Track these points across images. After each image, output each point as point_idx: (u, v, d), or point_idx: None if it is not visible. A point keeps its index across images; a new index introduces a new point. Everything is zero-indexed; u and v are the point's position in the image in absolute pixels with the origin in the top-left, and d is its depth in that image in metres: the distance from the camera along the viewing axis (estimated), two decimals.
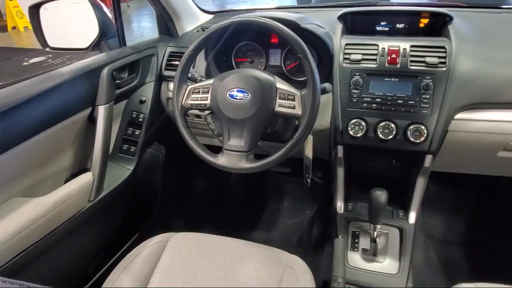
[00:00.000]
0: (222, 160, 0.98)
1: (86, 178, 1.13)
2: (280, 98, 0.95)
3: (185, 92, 1.02)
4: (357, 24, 1.28)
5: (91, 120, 1.17)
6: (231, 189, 1.94)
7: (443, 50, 1.06)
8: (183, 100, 1.02)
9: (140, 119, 1.35)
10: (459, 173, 1.35)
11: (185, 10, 1.51)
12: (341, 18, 1.25)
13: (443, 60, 1.05)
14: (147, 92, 1.37)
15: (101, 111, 1.16)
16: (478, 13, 1.34)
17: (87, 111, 1.15)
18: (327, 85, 1.06)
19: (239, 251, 0.99)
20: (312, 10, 1.59)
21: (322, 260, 1.36)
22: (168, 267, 0.96)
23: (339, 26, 1.21)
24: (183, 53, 1.02)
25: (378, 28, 1.28)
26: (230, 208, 1.86)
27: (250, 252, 0.99)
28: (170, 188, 1.68)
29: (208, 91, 1.01)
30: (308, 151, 1.14)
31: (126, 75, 1.30)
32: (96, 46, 1.29)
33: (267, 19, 0.94)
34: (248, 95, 0.95)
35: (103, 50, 1.30)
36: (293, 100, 0.94)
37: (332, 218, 1.28)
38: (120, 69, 1.26)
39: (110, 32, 1.31)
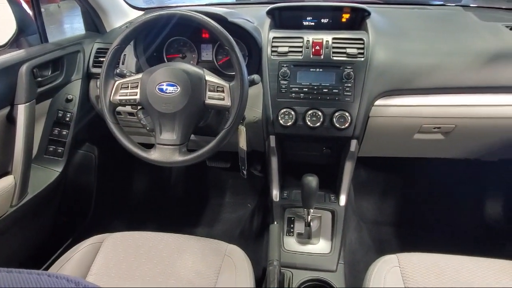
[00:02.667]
0: (155, 155, 0.98)
1: (6, 182, 1.05)
2: (209, 91, 0.97)
3: (113, 87, 1.00)
4: (285, 19, 1.34)
5: (10, 120, 1.10)
6: (172, 186, 1.91)
7: (362, 42, 1.15)
8: (111, 96, 0.99)
9: (67, 119, 1.29)
10: (386, 157, 1.46)
11: (112, 6, 1.46)
12: (269, 13, 1.29)
13: (361, 51, 1.13)
14: (74, 90, 1.31)
15: (21, 111, 1.09)
16: (393, 9, 1.46)
17: (5, 110, 1.08)
18: (255, 76, 1.09)
19: (177, 245, 0.99)
20: (243, 6, 1.62)
21: (263, 249, 1.39)
22: (103, 268, 0.93)
23: (267, 21, 1.26)
24: None
25: (304, 23, 1.34)
26: (171, 205, 1.84)
27: (188, 245, 0.99)
28: (106, 189, 1.62)
29: (137, 86, 0.99)
30: (242, 143, 1.17)
31: (49, 73, 1.23)
32: (14, 42, 1.21)
33: (194, 12, 0.95)
34: (178, 89, 0.95)
35: (23, 47, 1.22)
36: (222, 91, 0.96)
37: (269, 207, 1.32)
38: (42, 66, 1.19)
39: (30, 29, 1.24)
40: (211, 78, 0.98)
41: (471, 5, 1.49)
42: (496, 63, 1.12)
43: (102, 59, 1.33)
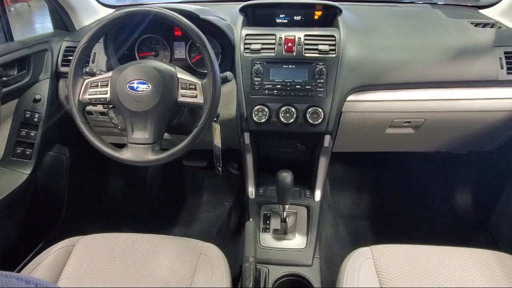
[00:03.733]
0: (127, 154, 0.96)
1: None
2: (182, 88, 0.96)
3: (82, 86, 0.98)
4: (258, 16, 1.34)
5: None
6: (148, 186, 1.89)
7: (333, 38, 1.16)
8: (80, 95, 0.97)
9: (36, 119, 1.25)
10: (361, 152, 1.48)
11: (81, 3, 1.43)
12: (242, 10, 1.29)
13: (333, 47, 1.15)
14: (42, 90, 1.27)
15: None
16: (364, 6, 1.49)
17: None
18: (228, 73, 1.09)
19: (152, 246, 0.98)
20: (216, 3, 1.61)
21: (240, 246, 1.40)
22: (75, 272, 0.91)
23: (240, 18, 1.26)
24: None
25: (278, 20, 1.35)
26: (148, 206, 1.82)
27: (163, 245, 0.98)
28: (79, 191, 1.58)
29: (107, 84, 0.97)
30: (217, 141, 1.16)
31: (15, 72, 1.19)
32: None
33: (164, 9, 0.94)
34: (149, 86, 0.94)
35: None
36: (195, 89, 0.96)
37: (245, 204, 1.32)
38: (7, 66, 1.15)
39: None
40: (183, 75, 0.97)
41: (439, 2, 1.54)
42: (462, 58, 1.15)
43: (71, 57, 1.29)
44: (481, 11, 1.42)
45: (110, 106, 1.03)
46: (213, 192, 1.84)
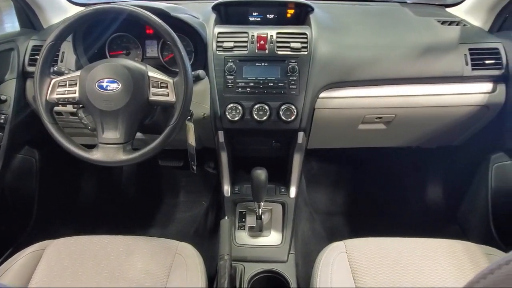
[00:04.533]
0: (97, 155, 0.94)
1: None
2: (153, 87, 0.95)
3: (49, 86, 0.96)
4: (231, 15, 1.34)
5: None
6: (124, 187, 1.85)
7: (305, 36, 1.17)
8: (47, 95, 0.95)
9: (1, 121, 1.21)
10: (336, 149, 1.50)
11: (49, 1, 1.38)
12: (215, 8, 1.29)
13: (305, 45, 1.16)
14: (8, 90, 1.23)
15: None
16: (335, 4, 1.51)
17: None
18: (200, 72, 1.09)
19: (125, 247, 0.97)
20: (188, 1, 1.60)
21: (217, 246, 1.39)
22: (45, 277, 0.88)
23: (213, 16, 1.25)
24: None
25: (251, 19, 1.35)
26: (123, 207, 1.78)
27: (137, 246, 0.97)
28: (50, 194, 1.54)
29: (75, 84, 0.95)
30: (191, 139, 1.16)
31: None
32: None
33: (133, 7, 0.92)
34: (119, 85, 0.93)
35: None
36: (166, 87, 0.95)
37: (221, 202, 1.32)
38: None
39: None
40: (154, 74, 0.96)
41: (408, 1, 1.57)
42: (429, 55, 1.19)
43: (38, 57, 1.26)
44: (448, 9, 1.47)
45: (80, 106, 1.01)
46: (190, 192, 1.82)
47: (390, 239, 0.98)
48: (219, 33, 1.19)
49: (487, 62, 1.19)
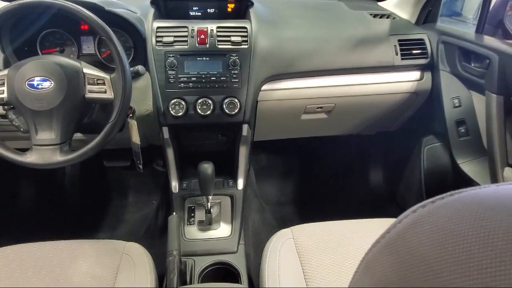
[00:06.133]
0: (32, 158, 0.90)
1: None
2: (89, 84, 0.92)
3: None
4: (171, 9, 1.32)
5: None
6: (67, 190, 1.77)
7: (245, 30, 1.19)
8: None
9: None
10: (283, 140, 1.54)
11: None
12: (153, 3, 1.26)
13: (245, 39, 1.18)
14: None
15: None
16: None
17: None
18: (140, 67, 1.07)
19: (69, 252, 0.93)
20: None
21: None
22: None
23: (151, 11, 1.23)
24: None
25: (191, 13, 1.34)
26: (68, 211, 1.70)
27: (82, 250, 0.94)
28: None
29: (3, 83, 0.90)
30: (135, 137, 1.13)
31: None
32: None
33: (63, 1, 0.88)
34: (52, 83, 0.89)
35: None
36: (103, 84, 0.93)
37: (170, 199, 1.31)
38: None
39: None
40: (89, 70, 0.93)
41: None
42: (363, 46, 1.26)
43: None
44: (379, 3, 1.55)
45: (10, 107, 0.95)
46: (139, 192, 1.78)
47: (335, 222, 1.03)
48: (158, 27, 1.17)
49: (414, 52, 1.28)
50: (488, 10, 1.16)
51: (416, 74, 1.30)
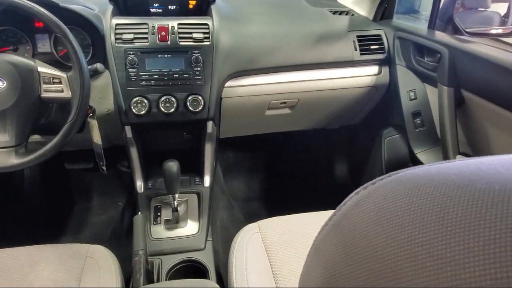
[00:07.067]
0: None
1: None
2: (45, 83, 0.90)
3: None
4: (131, 6, 1.29)
5: None
6: (27, 195, 1.69)
7: (207, 27, 1.18)
8: None
9: None
10: (250, 137, 1.55)
11: None
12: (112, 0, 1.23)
13: (207, 35, 1.17)
14: None
15: None
16: None
17: None
18: (98, 65, 1.04)
19: (29, 258, 0.89)
20: None
21: None
22: None
23: (110, 8, 1.20)
24: None
25: (152, 10, 1.31)
26: (28, 217, 1.63)
27: (42, 255, 0.91)
28: None
29: None
30: (96, 138, 1.11)
31: None
32: None
33: None
34: (4, 83, 0.86)
35: None
36: (60, 83, 0.90)
37: (135, 199, 1.29)
38: None
39: None
40: (44, 69, 0.90)
41: None
42: (323, 42, 1.29)
43: None
44: (338, 0, 1.60)
45: None
46: (104, 194, 1.73)
47: (301, 214, 1.05)
48: (117, 24, 1.15)
49: (372, 47, 1.33)
50: (438, 7, 1.22)
51: (374, 69, 1.35)
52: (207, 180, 1.31)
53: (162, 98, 1.13)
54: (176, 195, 1.13)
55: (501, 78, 0.95)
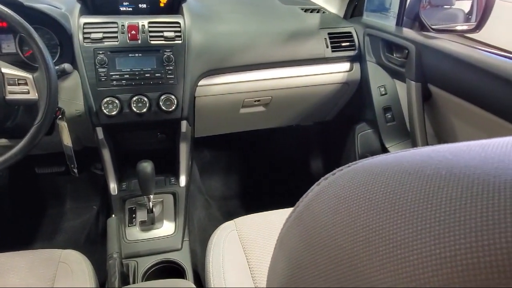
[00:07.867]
0: None
1: None
2: (9, 84, 0.87)
3: None
4: (99, 5, 1.26)
5: None
6: None
7: (178, 25, 1.17)
8: None
9: None
10: (226, 135, 1.54)
11: None
12: None
13: (179, 34, 1.16)
14: None
15: None
16: None
17: None
18: (66, 65, 1.02)
19: None
20: None
21: None
22: None
23: (77, 6, 1.17)
24: None
25: (122, 9, 1.29)
26: None
27: (12, 262, 0.88)
28: None
29: None
30: (66, 140, 1.08)
31: None
32: None
33: None
34: None
35: None
36: (26, 84, 0.88)
37: (109, 202, 1.26)
38: None
39: None
40: (8, 70, 0.87)
41: None
42: (295, 40, 1.30)
43: None
44: None
45: None
46: (77, 198, 1.69)
47: (276, 211, 1.05)
48: (85, 23, 1.12)
49: (343, 44, 1.35)
50: (405, 4, 1.25)
51: (346, 65, 1.37)
52: (182, 180, 1.30)
53: (134, 98, 1.11)
54: (151, 196, 1.12)
55: (465, 73, 0.98)
